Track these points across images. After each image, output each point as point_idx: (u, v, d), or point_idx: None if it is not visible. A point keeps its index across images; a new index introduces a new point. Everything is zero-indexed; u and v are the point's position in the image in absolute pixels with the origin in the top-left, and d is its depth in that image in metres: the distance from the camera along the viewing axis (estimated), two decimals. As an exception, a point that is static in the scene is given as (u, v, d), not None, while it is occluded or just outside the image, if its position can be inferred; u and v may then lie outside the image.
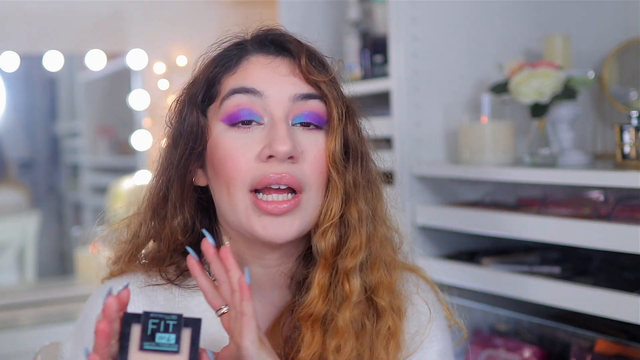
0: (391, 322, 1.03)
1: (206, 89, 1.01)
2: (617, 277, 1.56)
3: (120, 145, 3.20)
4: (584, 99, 1.94)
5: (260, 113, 0.98)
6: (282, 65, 0.99)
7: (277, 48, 1.01)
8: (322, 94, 0.99)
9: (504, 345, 1.71)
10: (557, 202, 1.60)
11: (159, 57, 2.88)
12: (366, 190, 1.03)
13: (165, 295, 1.05)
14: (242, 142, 0.97)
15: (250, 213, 0.97)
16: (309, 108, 0.99)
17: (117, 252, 1.10)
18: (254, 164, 0.97)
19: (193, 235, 1.06)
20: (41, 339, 1.30)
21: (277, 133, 0.96)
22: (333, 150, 0.98)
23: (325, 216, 0.99)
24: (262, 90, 0.97)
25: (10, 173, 3.11)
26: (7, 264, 2.99)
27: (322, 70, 1.00)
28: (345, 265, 0.99)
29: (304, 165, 0.98)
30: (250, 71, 0.99)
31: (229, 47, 1.03)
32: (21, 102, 3.08)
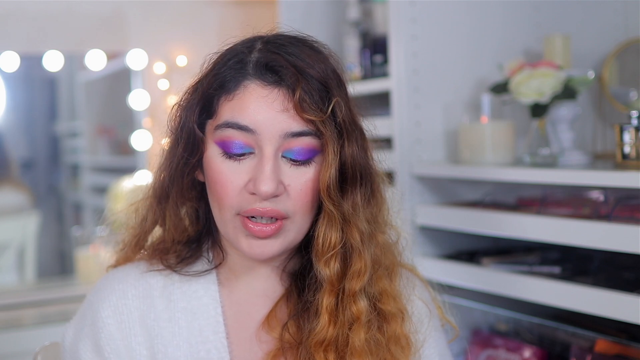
0: (398, 325, 1.04)
1: (203, 105, 1.02)
2: (617, 277, 1.56)
3: (120, 145, 3.20)
4: (584, 99, 1.94)
5: (252, 145, 0.98)
6: (277, 99, 0.97)
7: (276, 77, 0.98)
8: (316, 130, 0.98)
9: (504, 345, 1.72)
10: (557, 202, 1.60)
11: (159, 57, 2.88)
12: (367, 206, 1.03)
13: (165, 281, 1.08)
14: (231, 170, 0.99)
15: (237, 232, 1.00)
16: (300, 145, 0.98)
17: (124, 238, 1.13)
18: (241, 193, 0.98)
19: (198, 225, 1.09)
20: (41, 339, 1.30)
21: (262, 172, 0.96)
22: (327, 181, 0.97)
23: (325, 246, 0.99)
24: (255, 127, 0.97)
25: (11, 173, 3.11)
26: (7, 264, 2.99)
27: (319, 106, 0.97)
28: (352, 287, 1.00)
29: (288, 198, 0.98)
30: (246, 103, 0.97)
31: (231, 64, 1.00)
32: (21, 102, 3.08)
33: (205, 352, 1.04)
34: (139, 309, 1.06)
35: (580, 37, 1.95)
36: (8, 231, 3.01)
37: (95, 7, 2.79)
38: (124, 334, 1.04)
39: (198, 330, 1.05)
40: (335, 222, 0.99)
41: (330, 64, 1.02)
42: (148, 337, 1.04)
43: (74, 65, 3.07)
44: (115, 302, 1.06)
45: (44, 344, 1.24)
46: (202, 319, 1.06)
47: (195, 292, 1.07)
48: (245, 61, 1.00)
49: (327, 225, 0.99)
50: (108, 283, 1.08)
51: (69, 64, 3.00)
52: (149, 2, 2.86)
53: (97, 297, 1.07)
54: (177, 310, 1.06)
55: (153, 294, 1.07)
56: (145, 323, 1.05)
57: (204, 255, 1.10)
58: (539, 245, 1.72)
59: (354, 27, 2.22)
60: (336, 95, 0.99)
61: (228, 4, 2.88)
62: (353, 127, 1.01)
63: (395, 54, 1.89)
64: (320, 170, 0.99)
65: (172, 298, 1.06)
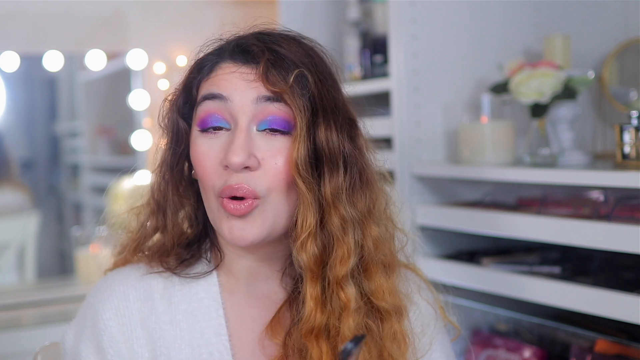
0: (396, 323, 1.03)
1: (186, 94, 1.05)
2: (617, 277, 1.56)
3: (120, 145, 3.20)
4: (584, 99, 1.94)
5: (227, 118, 0.99)
6: (247, 72, 0.99)
7: (246, 55, 1.01)
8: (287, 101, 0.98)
9: (504, 345, 1.71)
10: (557, 202, 1.60)
11: (159, 57, 2.88)
12: (355, 194, 1.02)
13: (165, 283, 1.07)
14: (209, 148, 1.00)
15: (220, 216, 1.00)
16: (273, 112, 0.98)
17: (124, 242, 1.12)
18: (218, 170, 0.99)
19: (197, 227, 1.09)
20: (41, 339, 1.30)
21: (233, 143, 0.97)
22: (296, 158, 0.97)
23: (300, 227, 0.98)
24: (228, 94, 0.99)
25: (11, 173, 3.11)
26: (7, 264, 2.99)
27: (285, 78, 0.98)
28: (336, 274, 0.99)
29: (263, 173, 0.98)
30: (219, 77, 1.01)
31: (209, 52, 1.05)
32: (21, 102, 3.08)
33: (208, 354, 1.03)
34: (140, 311, 1.05)
35: (580, 37, 1.95)
36: (8, 231, 3.01)
37: (95, 7, 2.79)
38: (126, 336, 1.04)
39: (200, 333, 1.04)
40: (309, 204, 0.98)
41: (310, 50, 1.03)
42: (150, 340, 1.04)
43: (74, 65, 3.07)
44: (116, 304, 1.05)
45: (44, 344, 1.24)
46: (203, 321, 1.05)
47: (196, 294, 1.06)
48: (224, 48, 1.03)
49: (302, 207, 0.98)
50: (108, 285, 1.08)
51: (69, 64, 3.00)
52: (149, 2, 2.86)
53: (98, 298, 1.07)
54: (178, 313, 1.05)
55: (154, 296, 1.06)
56: (146, 325, 1.04)
57: (203, 257, 1.09)
58: (539, 245, 1.72)
59: (354, 27, 2.22)
60: (310, 72, 1.00)
61: (228, 4, 2.88)
62: (333, 110, 1.01)
63: (395, 54, 1.89)
64: (291, 147, 0.98)
65: (173, 300, 1.06)
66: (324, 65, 1.04)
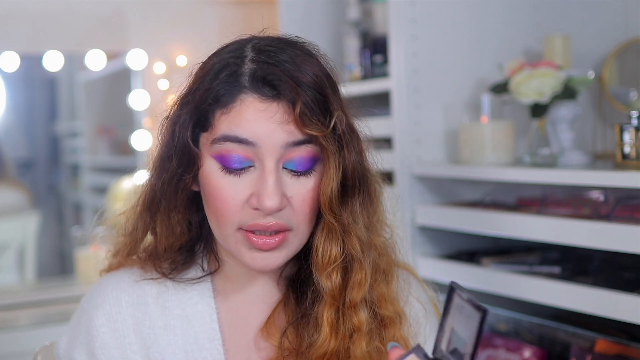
0: (397, 329, 1.03)
1: (197, 119, 0.98)
2: (617, 277, 1.56)
3: (120, 145, 3.20)
4: (584, 99, 1.94)
5: (252, 158, 0.95)
6: (278, 113, 0.94)
7: (274, 91, 0.94)
8: (317, 141, 0.95)
9: (504, 345, 1.71)
10: (557, 202, 1.60)
11: (159, 57, 2.88)
12: (364, 212, 1.01)
13: (159, 288, 1.06)
14: (232, 186, 0.96)
15: (240, 246, 0.98)
16: (301, 154, 0.95)
17: (116, 246, 1.11)
18: (242, 208, 0.96)
19: (190, 233, 1.07)
20: (41, 339, 1.30)
21: (265, 186, 0.94)
22: (329, 196, 0.95)
23: (325, 259, 0.97)
24: (255, 141, 0.94)
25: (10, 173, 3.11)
26: (7, 264, 2.99)
27: (319, 119, 0.94)
28: (353, 298, 0.99)
29: (291, 210, 0.96)
30: (244, 116, 0.94)
31: (223, 77, 0.96)
32: (21, 102, 3.08)
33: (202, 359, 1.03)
34: (134, 317, 1.04)
35: (580, 37, 1.95)
36: (8, 231, 3.01)
37: (95, 7, 2.79)
38: (119, 342, 1.03)
39: (194, 338, 1.04)
40: (336, 234, 0.97)
41: (323, 67, 0.99)
42: (143, 345, 1.03)
43: (74, 65, 3.07)
44: (109, 310, 1.04)
45: (44, 344, 1.24)
46: (197, 326, 1.04)
47: (190, 299, 1.05)
48: (238, 73, 0.96)
49: (326, 237, 0.97)
50: (101, 290, 1.07)
51: (69, 64, 3.00)
52: (149, 2, 2.86)
53: (91, 304, 1.06)
54: (172, 318, 1.04)
55: (147, 300, 1.05)
56: (140, 331, 1.04)
57: (197, 262, 1.08)
58: (539, 245, 1.72)
59: (354, 27, 2.22)
60: (334, 104, 0.96)
61: (228, 4, 2.88)
62: (351, 134, 0.99)
63: (395, 54, 1.89)
64: (321, 180, 0.96)
65: (167, 305, 1.05)
66: (337, 83, 1.00)
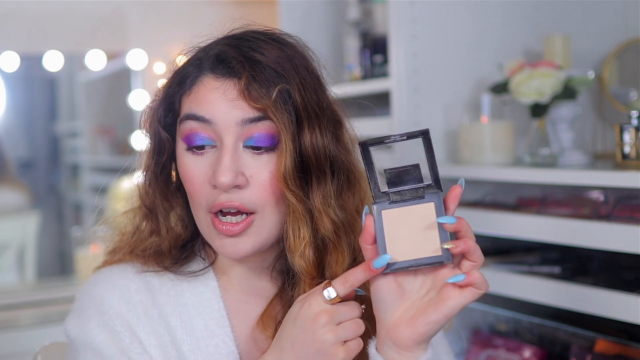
0: None
1: (167, 105, 1.03)
2: (617, 277, 1.56)
3: (120, 145, 3.20)
4: (584, 99, 1.94)
5: (212, 137, 0.98)
6: (229, 88, 0.97)
7: (227, 69, 0.98)
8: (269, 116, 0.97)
9: (504, 345, 1.71)
10: (557, 202, 1.60)
11: (159, 57, 2.88)
12: (343, 196, 1.01)
13: (161, 280, 1.07)
14: (196, 166, 0.99)
15: (210, 231, 1.00)
16: (259, 130, 0.97)
17: (117, 243, 1.11)
18: (207, 188, 0.98)
19: (189, 229, 1.08)
20: (41, 339, 1.30)
21: (220, 163, 0.96)
22: (284, 172, 0.96)
23: (295, 239, 0.98)
24: (211, 117, 0.97)
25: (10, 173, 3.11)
26: (7, 264, 2.99)
27: (268, 92, 0.96)
28: (333, 276, 0.99)
29: (253, 189, 0.97)
30: (201, 95, 0.99)
31: (189, 62, 1.02)
32: (21, 102, 3.08)
33: (213, 346, 1.04)
34: (142, 303, 1.05)
35: (580, 37, 1.95)
36: (8, 231, 3.01)
37: (95, 7, 2.79)
38: (133, 321, 1.03)
39: (203, 325, 1.04)
40: (300, 215, 0.97)
41: (291, 51, 1.01)
42: (154, 329, 1.03)
43: (74, 65, 3.07)
44: (119, 294, 1.04)
45: (44, 344, 1.24)
46: (205, 314, 1.05)
47: (195, 288, 1.07)
48: (203, 58, 1.01)
49: (293, 218, 0.98)
50: (107, 277, 1.07)
51: (69, 64, 3.01)
52: (149, 2, 2.86)
53: (101, 290, 1.05)
54: (179, 305, 1.05)
55: (153, 289, 1.06)
56: (149, 315, 1.04)
57: (197, 255, 1.09)
58: (539, 245, 1.72)
59: (354, 27, 2.22)
60: (292, 80, 0.98)
61: (228, 4, 2.88)
62: (318, 114, 0.99)
63: (395, 54, 1.89)
64: (277, 161, 0.97)
65: (172, 294, 1.06)
66: (308, 66, 1.02)
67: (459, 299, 0.88)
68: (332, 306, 0.90)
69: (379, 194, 0.91)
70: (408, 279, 0.91)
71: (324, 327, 0.89)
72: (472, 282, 0.88)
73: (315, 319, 0.89)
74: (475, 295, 0.89)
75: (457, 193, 0.92)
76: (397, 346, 0.90)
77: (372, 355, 0.92)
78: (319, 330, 0.89)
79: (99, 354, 1.01)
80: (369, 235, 0.90)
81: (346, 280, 0.90)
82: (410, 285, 0.91)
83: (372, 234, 0.90)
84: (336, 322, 0.90)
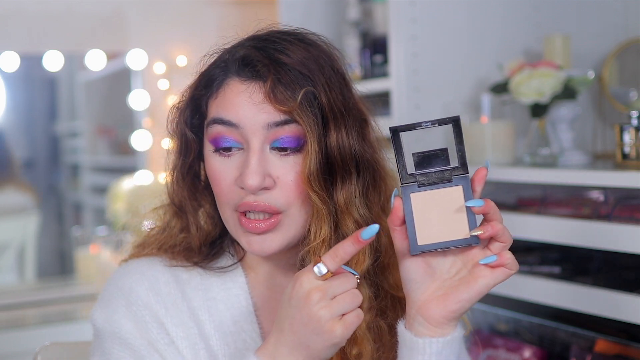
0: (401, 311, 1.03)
1: (194, 107, 1.04)
2: (617, 277, 1.56)
3: (120, 145, 3.20)
4: (584, 99, 1.94)
5: (239, 140, 0.99)
6: (255, 92, 0.98)
7: (253, 72, 0.98)
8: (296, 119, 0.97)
9: (504, 345, 1.71)
10: (557, 202, 1.60)
11: (159, 57, 2.88)
12: (369, 195, 1.02)
13: (190, 275, 1.07)
14: (223, 167, 1.00)
15: (237, 228, 1.01)
16: (285, 133, 0.97)
17: (145, 238, 1.11)
18: (233, 188, 0.99)
19: (217, 228, 1.08)
20: (41, 339, 1.30)
21: (248, 166, 0.97)
22: (308, 174, 0.97)
23: (314, 236, 0.98)
24: (237, 122, 0.98)
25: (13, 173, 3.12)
26: (7, 264, 2.99)
27: (293, 95, 0.97)
28: None
29: (280, 191, 0.98)
30: (228, 99, 0.99)
31: (215, 65, 1.02)
32: (21, 102, 3.08)
33: (242, 342, 1.04)
34: (171, 295, 1.05)
35: (580, 37, 1.95)
36: (8, 231, 3.01)
37: (95, 7, 2.79)
38: (162, 312, 1.03)
39: (232, 321, 1.05)
40: (323, 215, 0.98)
41: (316, 51, 1.02)
42: (182, 321, 1.03)
43: (74, 65, 3.08)
44: (148, 285, 1.04)
45: (44, 344, 1.24)
46: (233, 309, 1.05)
47: (224, 283, 1.07)
48: (230, 60, 1.01)
49: (316, 218, 0.98)
50: (136, 268, 1.06)
51: (69, 64, 3.01)
52: (149, 2, 2.86)
53: (129, 280, 1.05)
54: (207, 299, 1.05)
55: (182, 282, 1.06)
56: (178, 307, 1.04)
57: (226, 251, 1.10)
58: (539, 245, 1.72)
59: (354, 27, 2.22)
60: (318, 81, 0.99)
61: (228, 4, 2.88)
62: (344, 113, 1.00)
63: (395, 54, 1.89)
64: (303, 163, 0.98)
65: (200, 288, 1.06)
66: (333, 65, 1.03)
67: (491, 278, 0.90)
68: (324, 282, 0.89)
69: (406, 176, 0.91)
70: (437, 259, 0.92)
71: (317, 304, 0.88)
72: (503, 263, 0.90)
73: (307, 296, 0.89)
74: (506, 275, 0.91)
75: (482, 175, 0.93)
76: (428, 322, 0.92)
77: (400, 332, 0.94)
78: (313, 307, 0.88)
79: (126, 344, 1.01)
80: (398, 217, 0.91)
81: (336, 254, 0.89)
82: (440, 265, 0.92)
83: (400, 216, 0.90)
84: (330, 297, 0.89)
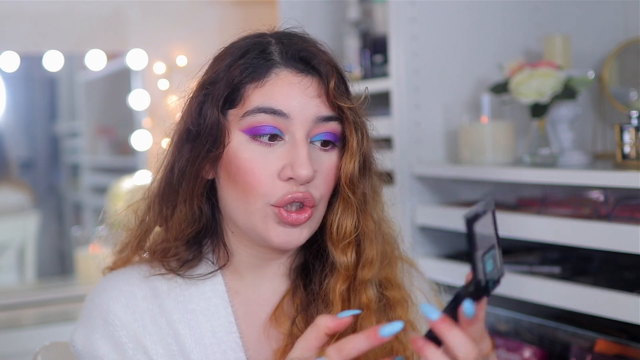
0: (404, 311, 1.05)
1: (228, 93, 1.00)
2: (617, 277, 1.56)
3: (120, 145, 3.20)
4: (584, 99, 1.94)
5: (283, 130, 0.99)
6: (311, 86, 1.00)
7: (308, 67, 1.00)
8: (343, 116, 1.01)
9: (504, 345, 1.71)
10: (557, 202, 1.60)
11: (159, 57, 2.88)
12: (374, 198, 1.06)
13: (169, 285, 1.06)
14: (263, 157, 0.99)
15: (269, 221, 0.99)
16: (328, 129, 1.00)
17: (124, 240, 1.11)
18: (274, 181, 0.98)
19: (199, 225, 1.06)
20: (41, 339, 1.30)
21: (299, 156, 0.97)
22: (351, 172, 1.00)
23: (341, 234, 1.01)
24: (289, 112, 0.98)
25: (10, 173, 3.11)
26: (7, 264, 2.99)
27: (348, 95, 1.02)
28: (364, 276, 1.02)
29: (318, 183, 1.00)
30: (279, 89, 0.99)
31: (255, 54, 1.01)
32: (21, 102, 3.08)
33: (221, 353, 1.03)
34: (149, 310, 1.04)
35: (580, 37, 1.95)
36: (8, 231, 3.01)
37: (95, 7, 2.79)
38: (139, 330, 1.03)
39: (211, 332, 1.04)
40: (352, 210, 1.01)
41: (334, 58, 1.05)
42: (161, 337, 1.03)
43: (74, 65, 3.07)
44: (125, 302, 1.04)
45: (44, 344, 1.24)
46: (213, 320, 1.04)
47: (203, 293, 1.06)
48: (268, 51, 1.01)
49: (342, 212, 1.01)
50: (114, 284, 1.06)
51: (69, 64, 3.01)
52: (149, 2, 2.86)
53: (106, 297, 1.05)
54: (187, 312, 1.04)
55: (161, 295, 1.05)
56: (157, 323, 1.03)
57: (206, 257, 1.08)
58: (539, 245, 1.72)
59: (354, 27, 2.22)
60: (350, 89, 1.03)
61: (228, 4, 2.88)
62: (363, 124, 1.04)
63: (395, 54, 1.89)
64: (341, 158, 1.01)
65: (180, 300, 1.05)
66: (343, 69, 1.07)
67: None
68: None
69: (480, 288, 0.87)
70: None
71: None
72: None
73: None
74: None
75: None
76: None
77: None
78: None
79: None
80: None
81: (341, 348, 0.85)
82: None
83: None
84: None
